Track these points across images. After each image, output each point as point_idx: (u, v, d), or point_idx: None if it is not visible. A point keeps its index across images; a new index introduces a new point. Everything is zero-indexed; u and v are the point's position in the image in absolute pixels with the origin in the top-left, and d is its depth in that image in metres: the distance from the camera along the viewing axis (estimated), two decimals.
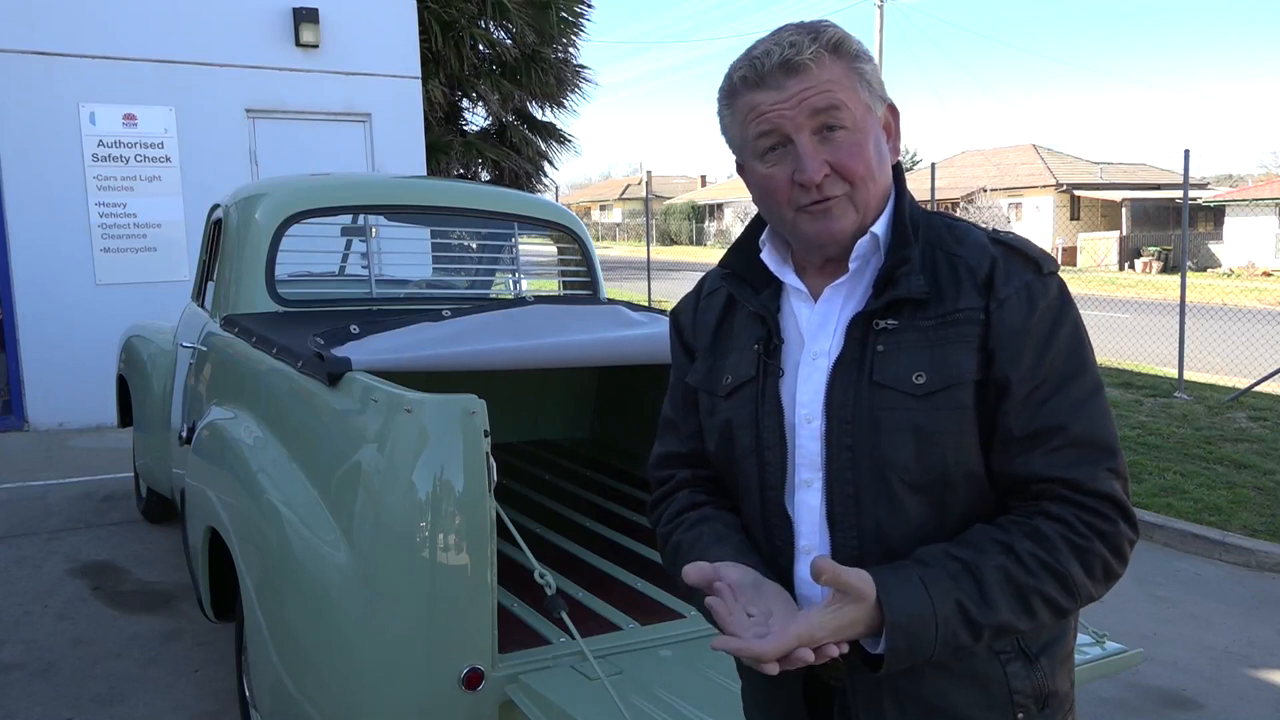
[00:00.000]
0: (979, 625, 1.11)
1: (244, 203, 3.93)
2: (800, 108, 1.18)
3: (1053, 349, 1.17)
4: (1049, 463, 1.16)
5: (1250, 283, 23.05)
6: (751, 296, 1.32)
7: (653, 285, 16.57)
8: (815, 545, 1.24)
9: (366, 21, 8.86)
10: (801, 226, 1.23)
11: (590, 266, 4.55)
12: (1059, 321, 1.18)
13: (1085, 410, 1.17)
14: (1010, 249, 1.22)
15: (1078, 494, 1.15)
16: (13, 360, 7.94)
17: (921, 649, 1.10)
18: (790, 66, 1.18)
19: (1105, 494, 1.15)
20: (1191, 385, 8.83)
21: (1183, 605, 4.40)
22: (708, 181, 60.06)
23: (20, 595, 4.40)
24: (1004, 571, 1.12)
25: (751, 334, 1.32)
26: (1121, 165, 37.00)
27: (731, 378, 1.31)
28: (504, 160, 12.96)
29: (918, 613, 1.09)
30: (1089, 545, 1.13)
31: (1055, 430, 1.16)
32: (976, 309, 1.18)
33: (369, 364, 2.52)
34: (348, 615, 2.20)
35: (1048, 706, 1.24)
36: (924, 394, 1.17)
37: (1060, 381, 1.17)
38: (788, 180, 1.21)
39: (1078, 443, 1.16)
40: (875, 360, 1.20)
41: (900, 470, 1.18)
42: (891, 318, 1.20)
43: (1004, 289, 1.18)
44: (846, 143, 1.19)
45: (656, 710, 2.04)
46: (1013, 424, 1.17)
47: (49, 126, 7.73)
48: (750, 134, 1.22)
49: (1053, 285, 1.20)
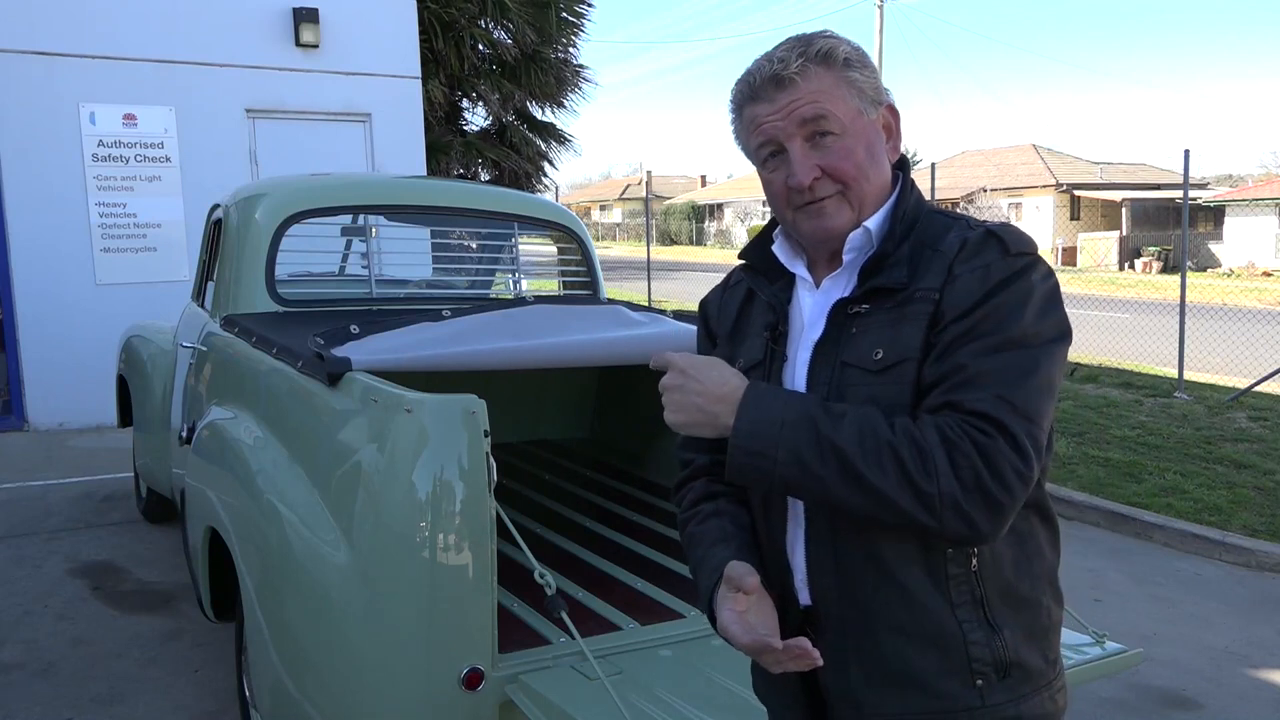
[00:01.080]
0: (824, 440, 1.17)
1: (244, 203, 3.93)
2: (790, 118, 1.28)
3: (985, 307, 1.19)
4: (941, 391, 1.18)
5: (1250, 283, 23.05)
6: (766, 287, 1.43)
7: (653, 285, 16.56)
8: (800, 515, 1.33)
9: (366, 21, 8.86)
10: (800, 224, 1.33)
11: (590, 266, 4.55)
12: (1004, 286, 1.20)
13: (999, 359, 1.17)
14: (989, 233, 1.26)
15: (961, 413, 1.16)
16: (13, 360, 7.94)
17: (761, 443, 1.19)
18: (778, 80, 1.28)
19: (990, 415, 1.15)
20: (1191, 385, 8.83)
21: (1183, 605, 4.40)
22: (708, 181, 60.06)
23: (20, 595, 4.40)
24: (867, 418, 1.18)
25: (763, 322, 1.41)
26: (1121, 165, 37.01)
27: (744, 361, 1.40)
28: (504, 160, 12.96)
29: (764, 417, 1.20)
30: (959, 442, 1.14)
31: (959, 368, 1.18)
32: (934, 289, 1.23)
33: (369, 364, 2.52)
34: (348, 615, 2.20)
35: (1009, 676, 1.26)
36: (879, 369, 1.24)
37: (980, 334, 1.18)
38: (784, 184, 1.31)
39: (978, 381, 1.16)
40: (846, 342, 1.28)
41: None
42: (865, 303, 1.28)
43: (960, 267, 1.23)
44: (836, 147, 1.28)
45: (656, 710, 2.04)
46: (927, 372, 1.21)
47: (49, 126, 7.73)
48: (752, 144, 1.34)
49: (1017, 264, 1.22)
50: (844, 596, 1.28)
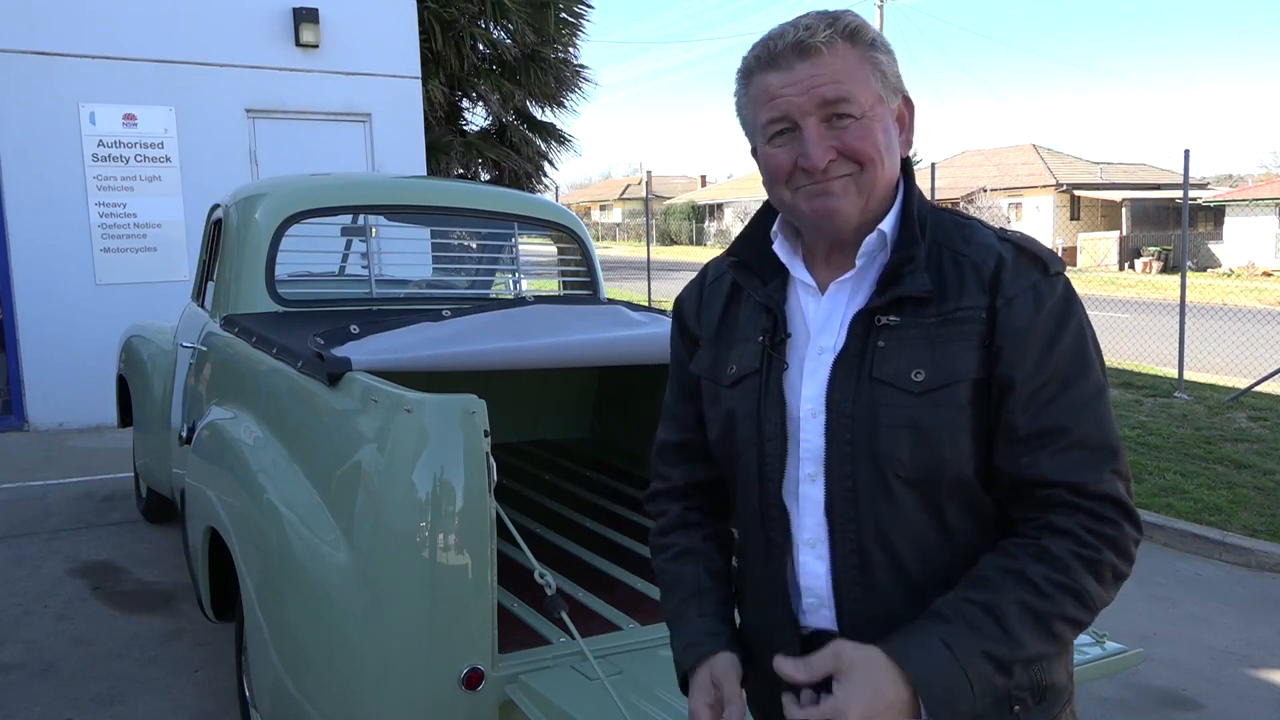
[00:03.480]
0: (1009, 663, 1.12)
1: (244, 203, 3.93)
2: (809, 95, 1.18)
3: (1057, 349, 1.17)
4: (1055, 465, 1.16)
5: (1250, 283, 23.05)
6: (759, 287, 1.33)
7: (653, 285, 16.56)
8: (818, 538, 1.25)
9: (366, 21, 8.86)
10: (799, 205, 1.23)
11: (590, 266, 4.55)
12: (1064, 322, 1.18)
13: (1089, 411, 1.17)
14: (1018, 248, 1.22)
15: (1083, 499, 1.15)
16: (13, 360, 7.94)
17: (963, 711, 1.10)
18: (802, 48, 1.18)
19: (1109, 496, 1.15)
20: (1191, 385, 8.83)
21: (1183, 605, 4.40)
22: (708, 181, 60.07)
23: (20, 595, 4.40)
24: (1023, 605, 1.12)
25: (757, 325, 1.32)
26: (1121, 165, 37.01)
27: (736, 368, 1.32)
28: (504, 160, 12.96)
29: (951, 684, 1.09)
30: (1098, 555, 1.14)
31: (1060, 431, 1.16)
32: (980, 307, 1.18)
33: (369, 364, 2.52)
34: (348, 615, 2.20)
35: (1045, 699, 1.24)
36: (922, 391, 1.17)
37: (1064, 382, 1.17)
38: (791, 162, 1.21)
39: (1082, 444, 1.16)
40: (875, 356, 1.20)
41: (896, 466, 1.18)
42: (894, 314, 1.21)
43: (1010, 287, 1.18)
44: (853, 128, 1.19)
45: (656, 710, 2.04)
46: (1018, 422, 1.17)
47: (49, 126, 7.73)
48: (761, 119, 1.23)
49: (1058, 285, 1.20)
50: (876, 626, 1.20)
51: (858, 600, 1.23)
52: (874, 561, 1.21)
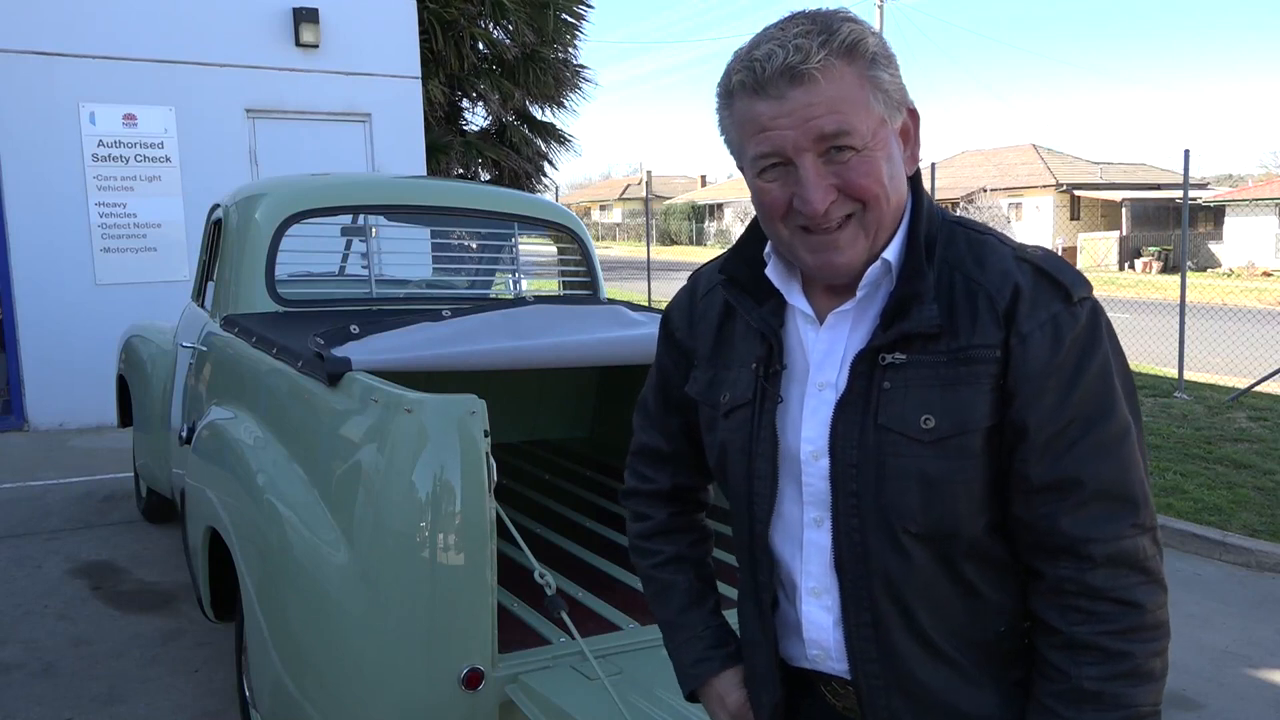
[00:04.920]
0: None
1: (244, 203, 3.93)
2: (804, 130, 1.05)
3: (1078, 389, 1.07)
4: (1073, 521, 1.07)
5: (1250, 283, 23.05)
6: (753, 309, 1.22)
7: (653, 285, 16.56)
8: (824, 588, 1.18)
9: (366, 21, 8.86)
10: (801, 255, 1.13)
11: (590, 266, 4.55)
12: (1087, 357, 1.08)
13: (1111, 458, 1.07)
14: (1038, 271, 1.10)
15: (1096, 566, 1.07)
16: (13, 360, 7.94)
17: None
18: (794, 75, 1.04)
19: (1126, 559, 1.07)
20: (1191, 385, 8.83)
21: (1183, 605, 4.40)
22: (708, 181, 60.05)
23: (20, 595, 4.40)
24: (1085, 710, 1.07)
25: (751, 350, 1.22)
26: (1121, 165, 37.00)
27: (729, 396, 1.23)
28: (504, 160, 12.96)
29: None
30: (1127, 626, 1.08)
31: (1077, 483, 1.07)
32: (994, 345, 1.08)
33: (369, 364, 2.52)
34: (348, 615, 2.20)
35: None
36: (932, 440, 1.08)
37: (1085, 425, 1.07)
38: (786, 201, 1.10)
39: (1101, 496, 1.07)
40: (881, 399, 1.11)
41: (905, 519, 1.10)
42: (900, 351, 1.11)
43: (1027, 323, 1.07)
44: (855, 163, 1.07)
45: (656, 710, 2.04)
46: (1032, 472, 1.08)
47: (49, 126, 7.73)
48: (750, 150, 1.11)
49: (1082, 314, 1.08)
50: (893, 684, 1.15)
51: (872, 660, 1.16)
52: (887, 617, 1.14)
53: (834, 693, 1.24)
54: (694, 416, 1.34)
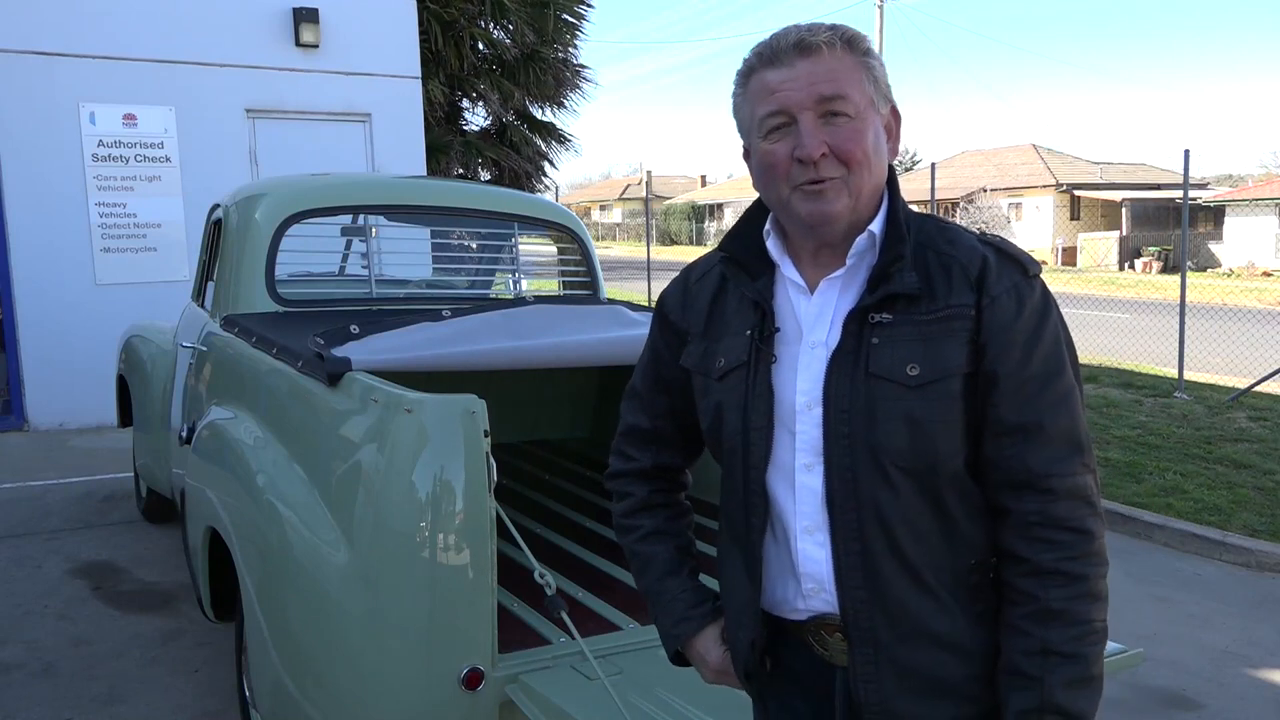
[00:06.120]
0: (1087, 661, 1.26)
1: (244, 203, 3.93)
2: (807, 90, 1.25)
3: (1038, 347, 1.26)
4: (1037, 459, 1.26)
5: (1250, 283, 23.05)
6: (748, 283, 1.38)
7: (653, 285, 16.55)
8: (817, 525, 1.31)
9: (366, 21, 8.86)
10: (796, 205, 1.29)
11: (590, 266, 4.55)
12: (1043, 323, 1.28)
13: (1064, 408, 1.27)
14: (999, 250, 1.31)
15: (1057, 498, 1.25)
16: (13, 360, 7.94)
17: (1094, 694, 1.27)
18: (804, 46, 1.26)
19: (1079, 492, 1.26)
20: (1191, 385, 8.83)
21: (1183, 605, 4.40)
22: (708, 181, 60.07)
23: (20, 595, 4.40)
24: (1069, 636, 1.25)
25: (745, 319, 1.37)
26: (1121, 165, 36.99)
27: (724, 361, 1.37)
28: (504, 160, 12.96)
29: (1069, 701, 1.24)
30: (1082, 551, 1.26)
31: (1039, 427, 1.26)
32: (968, 305, 1.26)
33: (369, 364, 2.52)
34: (348, 615, 2.20)
35: None
36: (917, 385, 1.25)
37: (1044, 380, 1.26)
38: (788, 156, 1.27)
39: (1058, 438, 1.26)
40: (871, 353, 1.27)
41: (894, 456, 1.25)
42: (886, 312, 1.27)
43: (995, 287, 1.26)
44: (847, 128, 1.26)
45: (656, 710, 2.04)
46: (1004, 414, 1.26)
47: (49, 126, 7.73)
48: (759, 113, 1.29)
49: (1037, 286, 1.30)
50: (876, 608, 1.28)
51: (859, 586, 1.29)
52: (874, 548, 1.27)
53: (821, 641, 1.36)
54: (680, 400, 1.49)
